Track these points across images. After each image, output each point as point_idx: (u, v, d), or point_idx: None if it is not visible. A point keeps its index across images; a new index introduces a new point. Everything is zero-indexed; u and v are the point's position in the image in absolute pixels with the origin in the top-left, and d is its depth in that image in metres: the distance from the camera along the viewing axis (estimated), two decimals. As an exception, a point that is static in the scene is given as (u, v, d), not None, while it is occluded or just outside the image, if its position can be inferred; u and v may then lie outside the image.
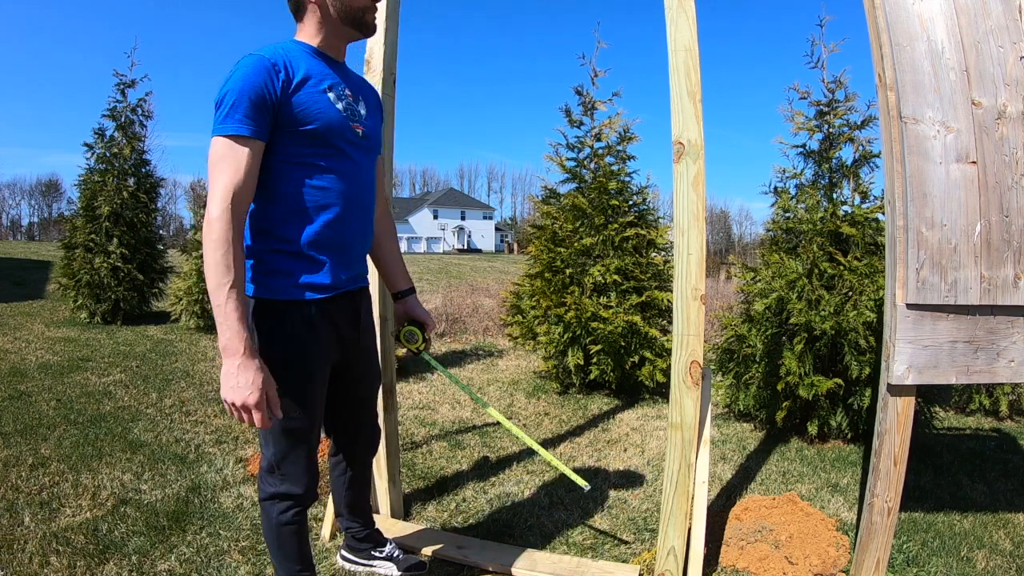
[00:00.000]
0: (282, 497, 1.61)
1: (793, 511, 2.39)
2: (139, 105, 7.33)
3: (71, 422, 3.38)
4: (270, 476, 1.61)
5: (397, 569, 2.00)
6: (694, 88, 1.75)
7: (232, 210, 1.36)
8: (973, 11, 1.78)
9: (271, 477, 1.61)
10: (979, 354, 1.78)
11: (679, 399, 1.84)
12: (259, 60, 1.41)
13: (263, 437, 1.59)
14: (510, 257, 38.44)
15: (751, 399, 3.59)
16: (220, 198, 1.35)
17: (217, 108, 1.39)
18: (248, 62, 1.41)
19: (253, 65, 1.40)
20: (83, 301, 6.90)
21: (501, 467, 3.02)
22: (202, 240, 1.40)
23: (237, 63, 1.42)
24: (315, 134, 1.48)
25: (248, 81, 1.38)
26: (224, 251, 1.34)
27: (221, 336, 1.35)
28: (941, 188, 1.74)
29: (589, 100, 4.73)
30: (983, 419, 4.05)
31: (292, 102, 1.44)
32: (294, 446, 1.59)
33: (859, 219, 3.43)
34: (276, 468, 1.60)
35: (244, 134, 1.37)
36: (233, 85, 1.38)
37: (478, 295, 11.17)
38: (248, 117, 1.38)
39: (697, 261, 1.78)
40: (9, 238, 52.94)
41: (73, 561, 1.98)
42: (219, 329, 1.35)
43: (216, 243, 1.34)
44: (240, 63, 1.41)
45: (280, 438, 1.57)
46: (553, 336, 4.39)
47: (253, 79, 1.38)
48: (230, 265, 1.34)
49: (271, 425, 1.43)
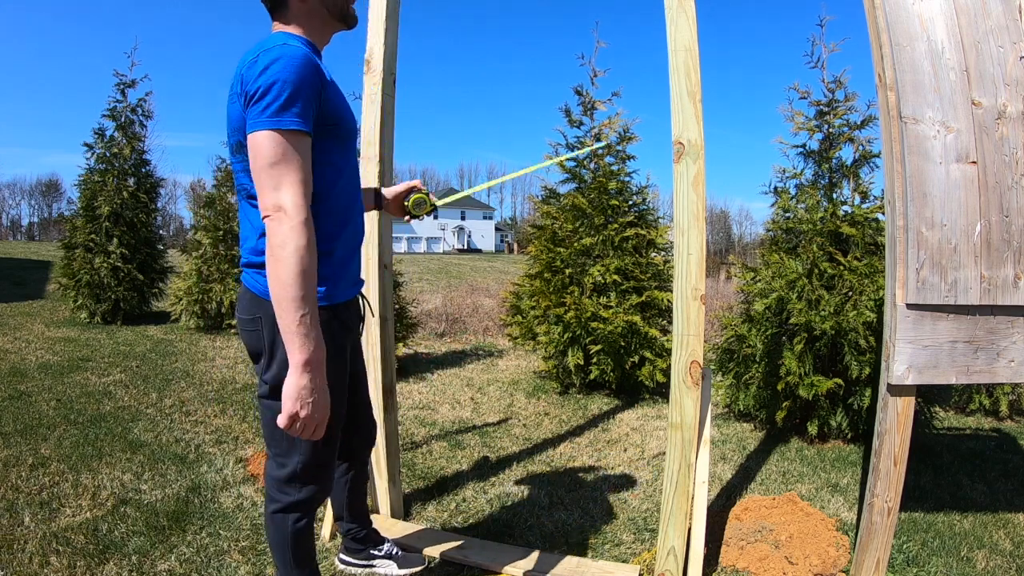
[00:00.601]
0: (299, 506, 1.56)
1: (793, 511, 2.39)
2: (139, 105, 7.34)
3: (71, 422, 3.38)
4: (288, 485, 1.54)
5: (397, 567, 2.00)
6: (694, 88, 1.75)
7: (309, 211, 1.29)
8: (973, 11, 1.78)
9: (289, 487, 1.54)
10: (979, 354, 1.78)
11: (679, 399, 1.84)
12: (308, 56, 1.35)
13: (285, 446, 1.52)
14: (510, 257, 38.44)
15: (751, 399, 3.59)
16: (298, 199, 1.27)
17: (262, 97, 1.28)
18: (299, 54, 1.33)
19: (305, 59, 1.33)
20: (83, 301, 6.90)
21: (501, 467, 3.02)
22: (275, 246, 1.26)
23: (281, 52, 1.32)
24: (339, 134, 1.47)
25: (302, 75, 1.31)
26: (312, 257, 1.27)
27: (303, 349, 1.27)
28: (941, 188, 1.74)
29: (589, 100, 4.73)
30: (983, 419, 4.05)
31: (324, 99, 1.40)
32: (327, 451, 1.56)
33: (859, 219, 3.43)
34: (302, 476, 1.53)
35: (304, 131, 1.31)
36: (287, 76, 1.29)
37: (478, 295, 11.18)
38: (305, 113, 1.32)
39: (697, 261, 1.78)
40: (9, 238, 52.97)
41: (73, 561, 1.97)
42: (300, 342, 1.27)
43: (304, 248, 1.26)
44: (287, 53, 1.32)
45: (315, 445, 1.52)
46: (553, 336, 4.39)
47: (306, 74, 1.32)
48: (316, 272, 1.29)
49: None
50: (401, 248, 54.67)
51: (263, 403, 1.53)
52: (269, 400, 1.51)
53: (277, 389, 1.47)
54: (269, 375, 1.48)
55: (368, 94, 2.26)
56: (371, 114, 2.25)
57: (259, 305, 1.47)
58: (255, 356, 1.53)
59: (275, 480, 1.55)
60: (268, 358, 1.49)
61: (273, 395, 1.49)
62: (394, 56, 2.29)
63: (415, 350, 6.10)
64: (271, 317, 1.43)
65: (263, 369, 1.50)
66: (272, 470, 1.56)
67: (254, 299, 1.49)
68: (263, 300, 1.46)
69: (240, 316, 1.53)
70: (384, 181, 2.27)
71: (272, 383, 1.48)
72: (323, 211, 1.45)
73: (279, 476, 1.54)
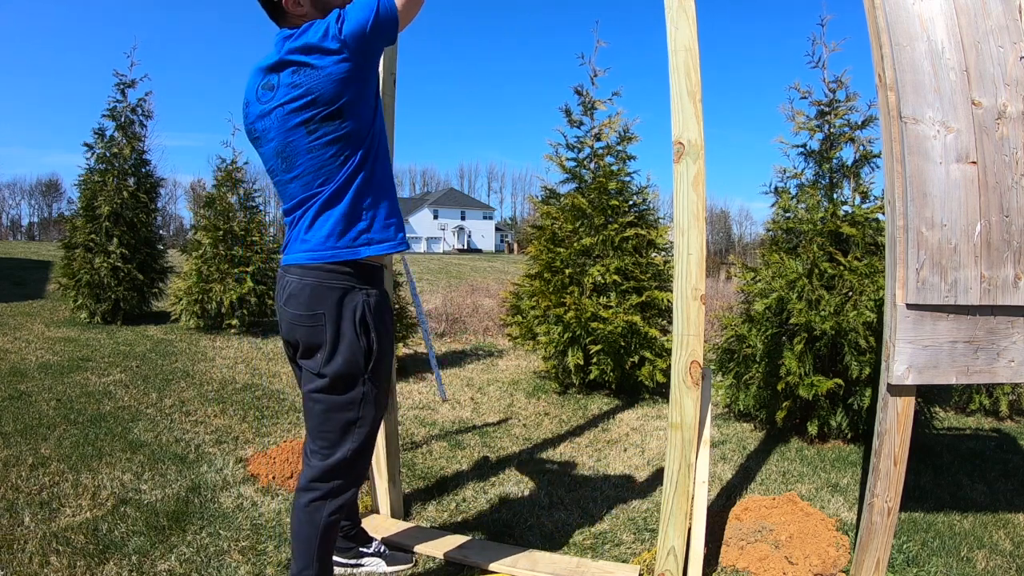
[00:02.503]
0: (338, 492, 1.60)
1: (793, 511, 2.39)
2: (139, 105, 7.33)
3: (71, 422, 3.38)
4: (332, 473, 1.58)
5: (386, 564, 2.02)
6: (694, 88, 1.75)
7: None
8: (973, 11, 1.77)
9: (333, 474, 1.58)
10: (979, 354, 1.78)
11: (679, 399, 1.84)
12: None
13: (340, 434, 1.57)
14: (510, 257, 38.44)
15: (751, 399, 3.59)
16: None
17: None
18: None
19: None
20: (83, 301, 6.90)
21: (501, 467, 3.02)
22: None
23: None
24: (378, 106, 1.65)
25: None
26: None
27: None
28: (941, 188, 1.74)
29: (589, 100, 4.73)
30: (983, 419, 4.05)
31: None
32: (374, 437, 1.64)
33: (859, 219, 3.43)
34: (351, 462, 1.59)
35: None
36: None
37: (478, 295, 11.18)
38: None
39: (697, 261, 1.78)
40: (9, 238, 52.92)
41: (73, 561, 1.98)
42: None
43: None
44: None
45: (371, 431, 1.61)
46: (553, 336, 4.39)
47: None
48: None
49: None
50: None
51: (315, 396, 1.57)
52: (324, 394, 1.56)
53: (340, 381, 1.55)
54: (332, 368, 1.53)
55: (368, 94, 2.25)
56: (371, 114, 2.25)
57: (320, 299, 1.53)
58: (310, 350, 1.57)
59: (317, 470, 1.59)
60: (330, 351, 1.53)
61: (333, 388, 1.55)
62: (394, 57, 2.30)
63: (415, 350, 6.10)
64: (334, 311, 1.52)
65: (323, 363, 1.54)
66: (316, 461, 1.59)
67: (316, 292, 1.53)
68: (326, 294, 1.52)
69: (296, 312, 1.56)
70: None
71: (335, 375, 1.54)
72: (379, 170, 1.60)
73: (325, 465, 1.58)
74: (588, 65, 4.75)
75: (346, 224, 1.54)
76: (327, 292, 1.52)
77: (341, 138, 1.50)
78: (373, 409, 1.60)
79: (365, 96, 1.53)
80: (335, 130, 1.48)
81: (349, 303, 1.53)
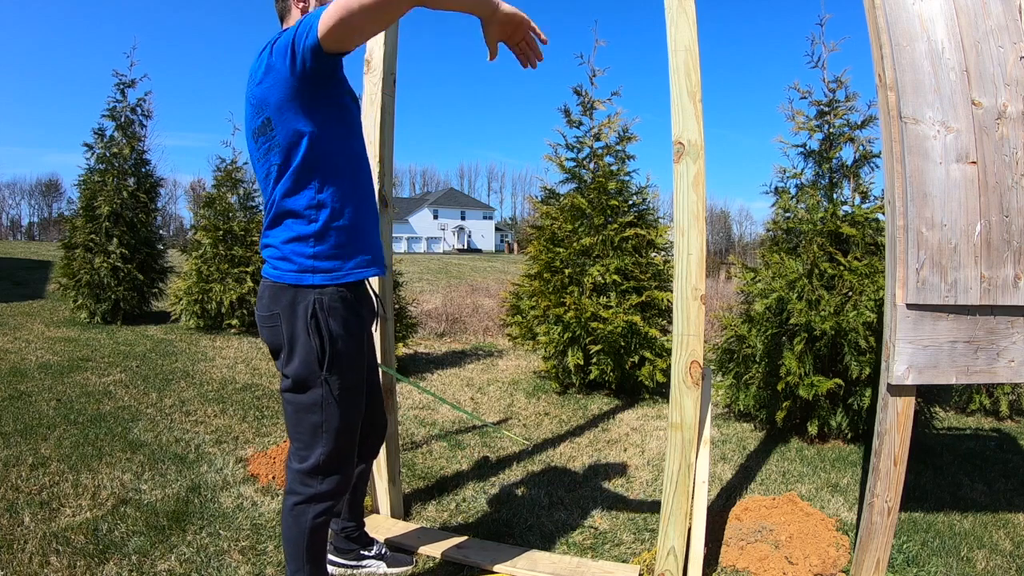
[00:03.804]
0: (321, 498, 1.58)
1: (793, 511, 2.39)
2: (139, 105, 7.33)
3: (71, 422, 3.38)
4: (310, 477, 1.57)
5: (386, 566, 2.02)
6: (694, 88, 1.75)
7: None
8: (973, 11, 1.78)
9: (311, 478, 1.57)
10: (979, 354, 1.78)
11: (679, 399, 1.84)
12: None
13: (308, 439, 1.55)
14: (510, 257, 38.45)
15: (751, 399, 3.59)
16: None
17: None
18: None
19: None
20: (83, 301, 6.90)
21: (501, 467, 3.02)
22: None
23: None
24: (351, 105, 1.63)
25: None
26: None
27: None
28: (941, 188, 1.74)
29: (588, 100, 4.72)
30: (983, 419, 4.05)
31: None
32: (349, 440, 1.60)
33: (859, 219, 3.43)
34: (324, 467, 1.56)
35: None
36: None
37: (478, 295, 11.18)
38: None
39: (697, 261, 1.78)
40: (9, 238, 52.92)
41: (73, 561, 1.97)
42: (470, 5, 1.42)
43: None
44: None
45: (340, 434, 1.56)
46: (553, 336, 4.39)
47: None
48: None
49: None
50: (401, 248, 54.66)
51: (285, 397, 1.56)
52: (291, 394, 1.54)
53: (299, 383, 1.53)
54: (291, 369, 1.52)
55: (368, 94, 2.26)
56: (371, 114, 2.25)
57: (276, 300, 1.52)
58: (276, 352, 1.56)
59: (297, 473, 1.58)
60: (288, 352, 1.52)
61: (296, 388, 1.53)
62: (394, 56, 2.30)
63: (415, 350, 6.10)
64: (288, 311, 1.50)
65: (284, 363, 1.53)
66: (295, 463, 1.58)
67: (273, 293, 1.53)
68: (280, 294, 1.50)
69: (260, 313, 1.56)
70: (384, 181, 2.28)
71: (294, 376, 1.52)
72: (339, 185, 1.55)
73: (302, 468, 1.57)
74: (587, 65, 4.75)
75: (293, 240, 1.52)
76: (281, 292, 1.52)
77: (274, 148, 1.50)
78: (337, 411, 1.54)
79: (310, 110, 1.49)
80: (270, 140, 1.49)
81: (301, 302, 1.50)
